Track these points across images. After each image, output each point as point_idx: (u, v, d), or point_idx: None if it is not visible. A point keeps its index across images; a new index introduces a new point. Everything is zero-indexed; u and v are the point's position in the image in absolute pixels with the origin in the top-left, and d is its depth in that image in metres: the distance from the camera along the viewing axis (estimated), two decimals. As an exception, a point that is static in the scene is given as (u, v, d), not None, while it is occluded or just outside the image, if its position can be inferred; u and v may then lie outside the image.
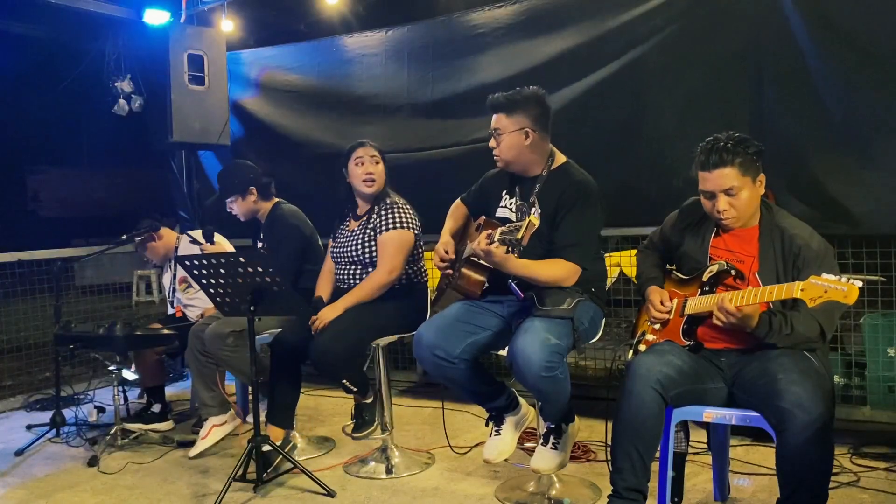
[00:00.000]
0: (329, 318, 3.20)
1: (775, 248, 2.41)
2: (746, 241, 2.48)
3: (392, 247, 3.29)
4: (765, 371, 2.29)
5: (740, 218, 2.45)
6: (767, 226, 2.46)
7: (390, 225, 3.31)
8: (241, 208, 3.85)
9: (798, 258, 2.36)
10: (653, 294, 2.62)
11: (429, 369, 2.83)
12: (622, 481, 2.35)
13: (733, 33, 3.71)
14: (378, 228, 3.33)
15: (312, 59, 5.22)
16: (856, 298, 2.02)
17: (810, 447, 2.10)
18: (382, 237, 3.31)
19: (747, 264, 2.44)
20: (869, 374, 3.55)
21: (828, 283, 2.05)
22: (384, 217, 3.34)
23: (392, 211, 3.34)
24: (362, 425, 3.33)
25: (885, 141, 3.29)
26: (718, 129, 2.53)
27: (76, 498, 3.24)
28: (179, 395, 4.80)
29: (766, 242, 2.43)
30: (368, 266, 3.36)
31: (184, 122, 5.02)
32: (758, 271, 2.41)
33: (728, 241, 2.51)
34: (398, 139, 4.73)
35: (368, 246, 3.35)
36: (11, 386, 4.99)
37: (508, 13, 4.41)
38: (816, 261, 2.33)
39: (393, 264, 3.28)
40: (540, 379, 2.53)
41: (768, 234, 2.44)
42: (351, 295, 3.27)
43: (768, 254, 2.41)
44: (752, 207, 2.45)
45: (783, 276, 2.37)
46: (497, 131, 2.82)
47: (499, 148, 2.84)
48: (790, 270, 2.36)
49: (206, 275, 3.12)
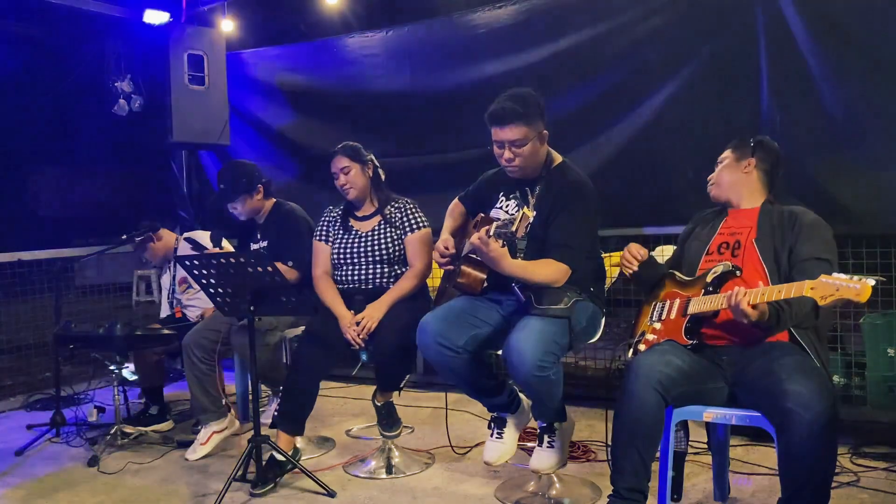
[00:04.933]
0: (378, 318, 3.21)
1: (773, 220, 2.54)
2: (748, 217, 2.61)
3: (423, 246, 3.39)
4: (767, 371, 2.29)
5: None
6: (768, 206, 2.60)
7: (414, 225, 3.41)
8: (247, 207, 3.82)
9: (795, 226, 2.48)
10: (631, 244, 2.74)
11: (432, 358, 2.80)
12: (622, 481, 2.35)
13: (733, 33, 3.71)
14: (404, 228, 3.40)
15: (313, 60, 5.23)
16: (868, 296, 1.99)
17: (813, 447, 2.10)
18: (413, 237, 3.39)
19: (745, 234, 2.56)
20: (869, 374, 3.55)
21: (839, 282, 2.03)
22: (409, 217, 3.41)
23: (415, 211, 3.44)
24: (394, 423, 3.38)
25: (885, 141, 3.29)
26: (718, 129, 2.55)
27: (76, 498, 3.23)
28: (179, 394, 4.80)
29: (764, 217, 2.57)
30: (395, 264, 3.39)
31: (184, 122, 5.03)
32: (755, 238, 2.52)
33: (730, 222, 2.65)
34: (399, 141, 4.74)
35: (396, 244, 3.39)
36: (11, 386, 4.98)
37: (509, 13, 4.41)
38: (811, 228, 2.45)
39: (426, 262, 3.37)
40: (532, 377, 2.53)
41: (767, 212, 2.58)
42: (393, 292, 3.31)
43: (766, 224, 2.54)
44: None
45: (780, 243, 2.47)
46: (518, 142, 2.73)
47: (520, 158, 2.76)
48: (788, 238, 2.46)
49: (206, 275, 3.12)
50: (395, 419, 3.39)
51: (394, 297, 3.29)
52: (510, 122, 2.71)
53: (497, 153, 2.81)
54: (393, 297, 3.29)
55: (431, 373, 4.69)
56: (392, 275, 3.39)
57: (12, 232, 8.56)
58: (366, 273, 3.40)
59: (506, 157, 2.78)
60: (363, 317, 3.22)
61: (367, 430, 3.95)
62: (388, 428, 3.37)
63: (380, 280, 3.39)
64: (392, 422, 3.38)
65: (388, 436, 3.38)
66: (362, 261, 3.41)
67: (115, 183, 15.15)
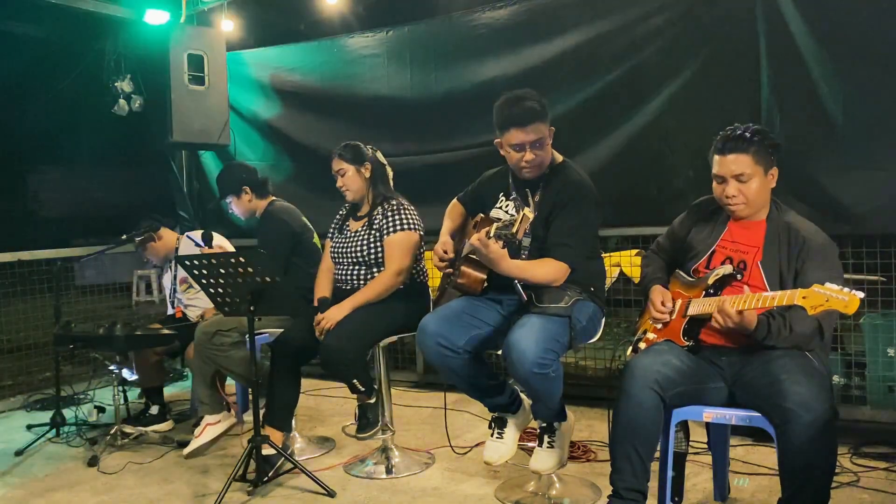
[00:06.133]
0: (336, 319, 3.20)
1: (780, 240, 2.45)
2: (753, 232, 2.51)
3: (400, 248, 3.31)
4: (767, 371, 2.29)
5: (749, 206, 2.48)
6: (775, 221, 2.50)
7: (397, 226, 3.33)
8: (239, 208, 3.91)
9: (802, 250, 2.39)
10: (655, 293, 2.63)
11: (432, 359, 2.79)
12: (622, 482, 2.35)
13: (733, 34, 3.71)
14: (384, 230, 3.34)
15: (313, 60, 5.22)
16: (856, 309, 2.02)
17: (814, 447, 2.10)
18: (390, 239, 3.32)
19: (751, 255, 2.47)
20: (869, 374, 3.55)
21: (830, 293, 2.06)
22: (390, 219, 3.35)
23: (398, 212, 3.36)
24: (367, 426, 3.31)
25: (885, 141, 3.29)
26: (718, 129, 2.54)
27: (76, 498, 3.23)
28: (179, 395, 4.80)
29: (771, 235, 2.47)
30: (373, 266, 3.37)
31: (184, 122, 5.03)
32: (761, 261, 2.44)
33: (735, 233, 2.55)
34: (400, 141, 4.73)
35: (374, 247, 3.35)
36: (11, 386, 4.99)
37: (509, 13, 4.41)
38: (819, 254, 2.37)
39: (401, 266, 3.29)
40: (532, 375, 2.52)
41: (774, 229, 2.48)
42: (359, 295, 3.27)
43: (773, 245, 2.45)
44: (760, 198, 2.48)
45: (786, 267, 2.40)
46: (539, 142, 2.73)
47: (539, 158, 2.76)
48: (794, 262, 2.40)
49: (206, 275, 3.12)
50: (368, 421, 3.28)
51: (357, 300, 3.25)
52: (532, 122, 2.70)
53: (515, 156, 2.77)
54: (356, 300, 3.25)
55: (431, 373, 4.70)
56: (369, 276, 3.36)
57: (12, 232, 8.57)
58: (348, 273, 3.41)
59: (526, 158, 2.75)
60: (322, 317, 3.23)
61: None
62: (360, 429, 3.29)
63: (356, 281, 3.38)
64: (365, 423, 3.29)
65: (357, 436, 3.30)
66: (346, 260, 3.42)
67: (115, 183, 15.18)
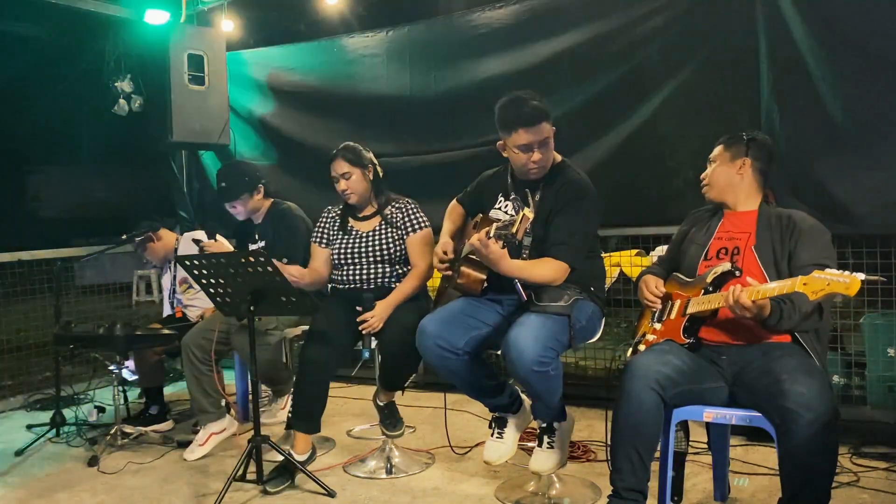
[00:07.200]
0: (384, 317, 3.24)
1: (772, 225, 2.51)
2: (745, 221, 2.58)
3: (425, 247, 3.39)
4: (767, 371, 2.29)
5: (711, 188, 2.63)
6: (766, 210, 2.58)
7: (416, 226, 3.40)
8: (247, 207, 3.83)
9: (794, 233, 2.45)
10: (646, 279, 2.70)
11: (432, 360, 2.79)
12: (622, 482, 2.35)
13: (733, 34, 3.71)
14: (406, 228, 3.40)
15: (313, 60, 5.22)
16: (857, 289, 2.01)
17: (814, 447, 2.10)
18: (414, 237, 3.39)
19: (744, 240, 2.53)
20: (869, 374, 3.55)
21: (830, 277, 2.05)
22: (409, 217, 3.41)
23: (416, 211, 3.44)
24: (397, 423, 3.41)
25: (886, 141, 3.29)
26: (718, 129, 2.55)
27: (76, 498, 3.23)
28: (180, 394, 4.80)
29: (763, 221, 2.54)
30: (396, 264, 3.39)
31: (184, 122, 5.02)
32: (754, 245, 2.49)
33: (728, 225, 2.62)
34: (400, 141, 4.73)
35: (398, 244, 3.38)
36: (11, 386, 4.99)
37: (509, 13, 4.41)
38: (809, 235, 2.43)
39: (428, 262, 3.37)
40: (532, 373, 2.52)
41: (766, 216, 2.55)
42: (398, 292, 3.31)
43: (765, 231, 2.50)
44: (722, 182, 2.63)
45: (779, 249, 2.45)
46: (546, 141, 2.74)
47: (546, 157, 2.78)
48: (786, 244, 2.45)
49: (206, 275, 3.12)
50: (397, 419, 3.41)
51: (399, 297, 3.31)
52: (540, 122, 2.72)
53: (523, 157, 2.76)
54: (398, 297, 3.30)
55: (431, 373, 4.68)
56: (394, 274, 3.39)
57: (12, 232, 8.56)
58: (368, 273, 3.40)
59: (534, 159, 2.76)
60: (371, 315, 3.23)
61: (368, 431, 3.95)
62: (390, 428, 3.38)
63: (383, 279, 3.39)
64: (395, 421, 3.39)
65: (392, 435, 3.39)
66: (364, 260, 3.40)
67: (115, 183, 15.20)
